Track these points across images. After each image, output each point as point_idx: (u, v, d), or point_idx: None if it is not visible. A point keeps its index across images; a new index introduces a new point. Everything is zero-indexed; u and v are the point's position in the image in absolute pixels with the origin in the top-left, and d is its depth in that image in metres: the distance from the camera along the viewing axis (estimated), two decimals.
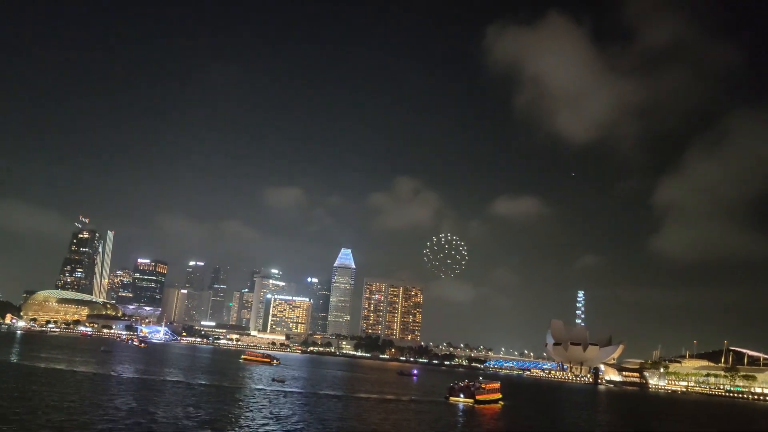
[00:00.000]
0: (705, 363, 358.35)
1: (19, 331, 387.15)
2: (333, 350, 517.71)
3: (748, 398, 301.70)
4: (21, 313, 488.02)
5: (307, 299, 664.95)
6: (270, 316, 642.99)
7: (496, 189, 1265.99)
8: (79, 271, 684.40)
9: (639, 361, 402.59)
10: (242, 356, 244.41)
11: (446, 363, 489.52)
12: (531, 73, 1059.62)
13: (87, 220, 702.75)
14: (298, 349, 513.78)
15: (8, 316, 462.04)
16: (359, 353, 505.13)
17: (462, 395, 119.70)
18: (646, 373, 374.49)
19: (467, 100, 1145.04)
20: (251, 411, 76.15)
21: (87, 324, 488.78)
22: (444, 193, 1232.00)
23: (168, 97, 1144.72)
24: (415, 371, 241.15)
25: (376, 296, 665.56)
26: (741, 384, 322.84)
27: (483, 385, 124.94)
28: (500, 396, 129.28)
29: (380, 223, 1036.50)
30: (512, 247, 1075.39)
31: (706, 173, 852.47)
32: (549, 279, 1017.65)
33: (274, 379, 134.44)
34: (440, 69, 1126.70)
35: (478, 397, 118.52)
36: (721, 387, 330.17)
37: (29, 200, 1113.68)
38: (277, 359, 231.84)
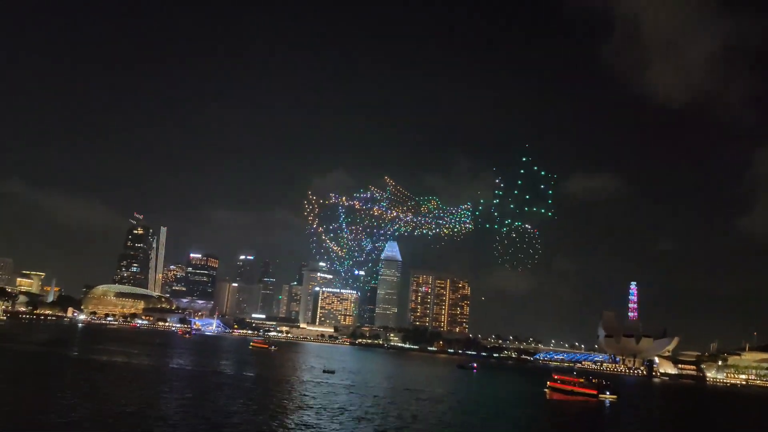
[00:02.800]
0: (766, 355, 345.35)
1: (80, 324, 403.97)
2: (381, 342, 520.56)
3: None
4: (81, 307, 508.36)
5: (355, 292, 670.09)
6: (318, 309, 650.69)
7: (570, 165, 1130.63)
8: (135, 266, 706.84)
9: (696, 353, 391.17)
10: (251, 343, 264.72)
11: (495, 355, 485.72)
12: (623, 13, 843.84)
13: (141, 217, 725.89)
14: (347, 341, 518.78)
15: (70, 309, 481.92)
16: (407, 345, 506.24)
17: (608, 392, 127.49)
18: (704, 366, 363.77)
19: (539, 56, 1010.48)
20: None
21: (143, 317, 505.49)
22: (506, 174, 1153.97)
23: (209, 87, 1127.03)
24: (475, 365, 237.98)
25: (423, 288, 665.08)
26: None
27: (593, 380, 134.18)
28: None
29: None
30: (580, 231, 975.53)
31: None
32: (616, 267, 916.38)
33: (324, 371, 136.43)
34: (505, 13, 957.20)
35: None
36: None
37: (86, 196, 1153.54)
38: (276, 346, 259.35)
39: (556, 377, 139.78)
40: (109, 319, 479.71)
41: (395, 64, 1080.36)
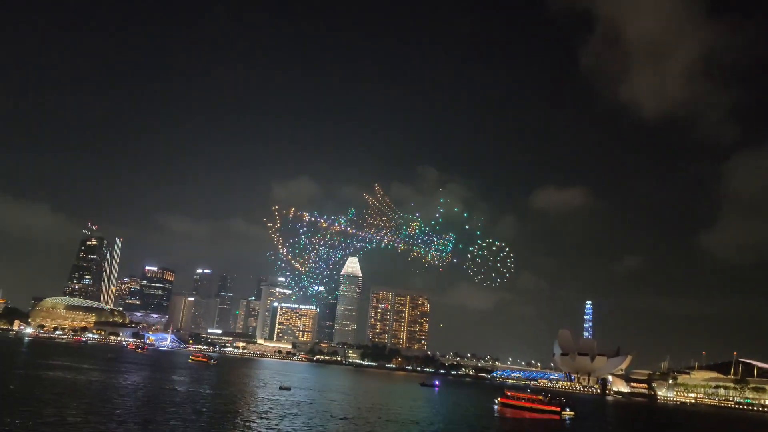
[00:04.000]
0: (714, 375, 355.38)
1: (26, 338, 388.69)
2: (339, 359, 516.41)
3: (758, 410, 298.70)
4: (29, 320, 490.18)
5: (314, 308, 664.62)
6: (276, 325, 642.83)
7: (540, 178, 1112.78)
8: (87, 278, 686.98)
9: (647, 372, 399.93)
10: (190, 357, 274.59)
11: (453, 373, 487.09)
12: (605, 16, 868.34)
13: (95, 228, 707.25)
14: (304, 357, 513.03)
15: (16, 322, 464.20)
16: (365, 362, 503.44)
17: (568, 409, 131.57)
18: (655, 385, 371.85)
19: (516, 59, 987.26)
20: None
21: (94, 331, 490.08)
22: (475, 184, 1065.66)
23: (167, 95, 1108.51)
24: (437, 382, 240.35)
25: (383, 305, 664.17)
26: (751, 396, 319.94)
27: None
28: None
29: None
30: (546, 247, 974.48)
31: None
32: (577, 285, 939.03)
33: (281, 387, 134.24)
34: (482, 13, 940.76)
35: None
36: (731, 399, 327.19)
37: (36, 203, 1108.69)
38: (214, 359, 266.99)
39: (509, 393, 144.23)
40: (58, 332, 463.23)
41: (362, 69, 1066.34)
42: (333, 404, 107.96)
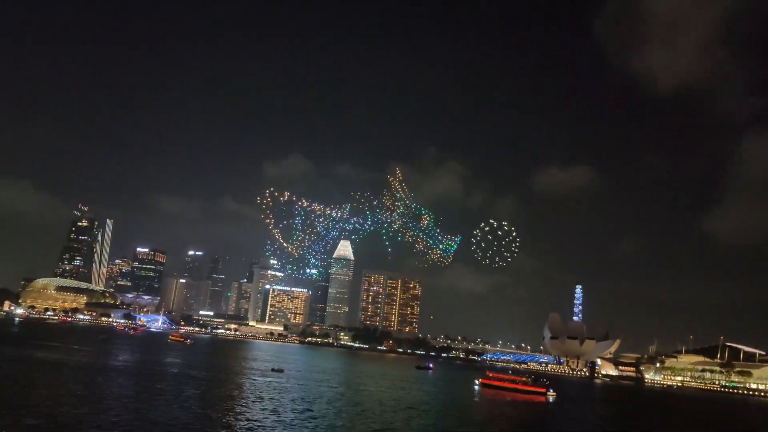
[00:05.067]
0: (700, 358, 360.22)
1: (17, 319, 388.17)
2: (331, 341, 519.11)
3: (743, 394, 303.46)
4: (20, 300, 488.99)
5: (306, 290, 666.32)
6: (268, 307, 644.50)
7: (543, 157, 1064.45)
8: (78, 259, 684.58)
9: (635, 355, 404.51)
10: (169, 337, 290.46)
11: (443, 355, 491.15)
12: None
13: (86, 209, 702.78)
14: (296, 340, 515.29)
15: (6, 303, 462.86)
16: (357, 344, 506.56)
17: (551, 390, 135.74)
18: (642, 368, 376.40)
19: (522, 28, 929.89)
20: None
21: (85, 312, 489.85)
22: (476, 163, 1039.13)
23: (156, 73, 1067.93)
24: (431, 365, 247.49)
25: (375, 288, 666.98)
26: (736, 380, 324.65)
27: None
28: None
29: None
30: (545, 228, 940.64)
31: None
32: (575, 267, 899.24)
33: (273, 369, 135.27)
34: None
35: None
36: (717, 382, 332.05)
37: (26, 183, 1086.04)
38: (192, 339, 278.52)
39: (490, 375, 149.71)
40: (48, 313, 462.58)
41: (357, 43, 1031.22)
42: (333, 389, 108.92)
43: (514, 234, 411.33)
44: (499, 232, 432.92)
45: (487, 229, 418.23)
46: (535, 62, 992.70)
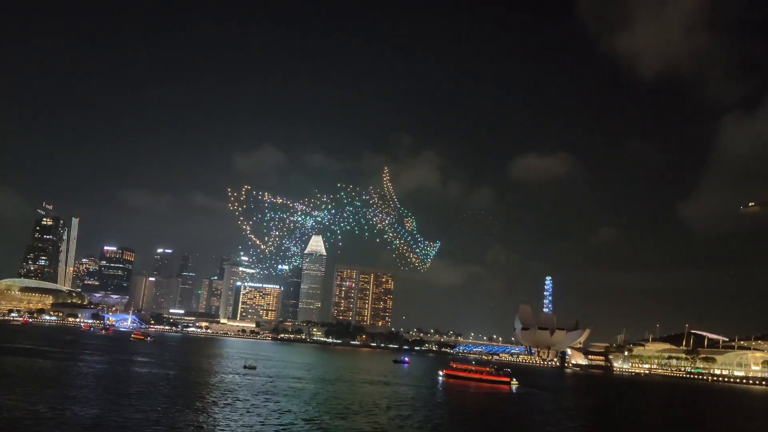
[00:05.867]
0: (667, 346, 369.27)
1: None
2: (304, 337, 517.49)
3: (707, 380, 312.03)
4: None
5: (278, 286, 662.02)
6: (240, 304, 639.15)
7: (522, 144, 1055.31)
8: (43, 259, 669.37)
9: (605, 344, 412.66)
10: (132, 335, 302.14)
11: (416, 348, 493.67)
12: None
13: (51, 207, 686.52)
14: (269, 336, 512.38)
15: None
16: (330, 339, 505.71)
17: (514, 379, 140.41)
18: (611, 357, 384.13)
19: (500, 5, 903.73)
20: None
21: (52, 313, 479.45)
22: (452, 152, 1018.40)
23: (118, 63, 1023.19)
24: (407, 358, 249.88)
25: (347, 283, 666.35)
26: (701, 366, 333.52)
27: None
28: None
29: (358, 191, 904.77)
30: (521, 218, 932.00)
31: None
32: (550, 258, 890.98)
33: (245, 366, 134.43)
34: None
35: None
36: (682, 369, 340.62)
37: None
38: (152, 337, 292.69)
39: (453, 365, 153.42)
40: (13, 315, 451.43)
41: (327, 28, 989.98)
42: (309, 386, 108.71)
43: (493, 223, 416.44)
44: (475, 224, 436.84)
45: (464, 219, 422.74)
46: (514, 46, 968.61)
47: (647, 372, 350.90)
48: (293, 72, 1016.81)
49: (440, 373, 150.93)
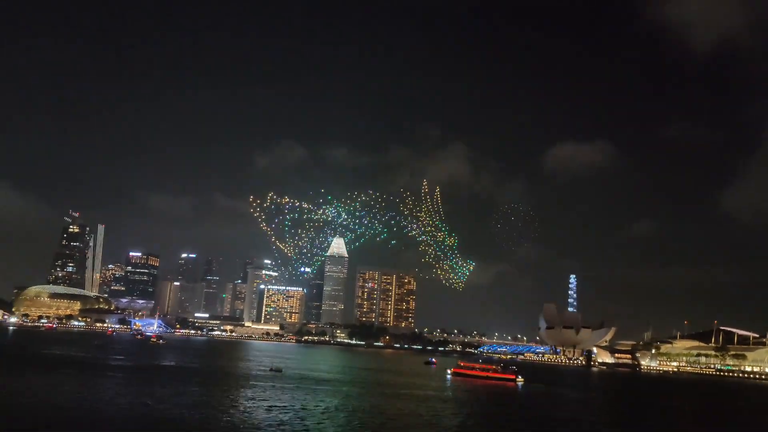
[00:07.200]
0: (696, 343, 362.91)
1: (11, 327, 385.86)
2: (327, 339, 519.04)
3: (738, 377, 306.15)
4: (13, 309, 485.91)
5: (301, 289, 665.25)
6: (264, 307, 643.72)
7: (557, 132, 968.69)
8: (71, 266, 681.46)
9: (631, 342, 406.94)
10: (150, 339, 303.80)
11: (440, 349, 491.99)
12: None
13: (77, 215, 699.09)
14: (293, 338, 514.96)
15: (1, 311, 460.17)
16: (354, 341, 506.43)
17: (520, 377, 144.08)
18: (638, 355, 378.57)
19: None
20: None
21: (80, 318, 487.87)
22: (483, 143, 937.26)
23: (137, 61, 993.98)
24: (434, 360, 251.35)
25: (369, 284, 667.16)
26: (731, 363, 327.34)
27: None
28: None
29: (383, 186, 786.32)
30: (554, 212, 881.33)
31: None
32: (582, 255, 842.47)
33: (271, 369, 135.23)
34: None
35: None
36: (712, 366, 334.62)
37: (15, 190, 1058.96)
38: (164, 340, 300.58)
39: (461, 364, 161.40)
40: (42, 321, 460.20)
41: (350, 15, 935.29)
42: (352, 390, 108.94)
43: (532, 217, 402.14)
44: (512, 218, 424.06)
45: (500, 214, 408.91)
46: (547, 21, 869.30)
47: (675, 370, 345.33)
48: (313, 64, 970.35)
49: (449, 371, 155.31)
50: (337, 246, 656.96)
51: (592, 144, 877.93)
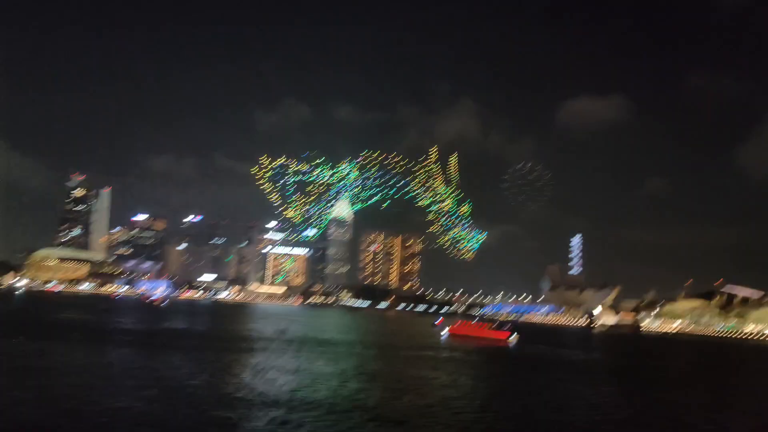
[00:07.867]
0: (698, 303, 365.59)
1: (22, 290, 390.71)
2: (332, 301, 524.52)
3: (738, 337, 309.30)
4: (22, 272, 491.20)
5: (306, 251, 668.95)
6: (269, 269, 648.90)
7: (572, 87, 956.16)
8: (77, 229, 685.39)
9: (635, 302, 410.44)
10: (154, 302, 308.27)
11: (444, 309, 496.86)
12: None
13: (82, 177, 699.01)
14: (298, 300, 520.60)
15: (11, 274, 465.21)
16: (358, 303, 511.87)
17: (515, 334, 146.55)
18: (640, 315, 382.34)
19: None
20: None
21: (89, 281, 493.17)
22: (494, 98, 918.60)
23: (135, 20, 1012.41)
24: (439, 321, 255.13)
25: (374, 246, 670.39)
26: (734, 322, 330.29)
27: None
28: None
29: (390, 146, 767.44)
30: (564, 170, 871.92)
31: None
32: (593, 214, 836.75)
33: (277, 331, 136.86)
34: None
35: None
36: (714, 326, 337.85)
37: (10, 148, 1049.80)
38: (167, 301, 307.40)
39: (458, 322, 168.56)
40: (49, 285, 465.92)
41: None
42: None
43: (545, 175, 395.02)
44: (523, 176, 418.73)
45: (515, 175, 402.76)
46: None
47: (676, 330, 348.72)
48: (316, 16, 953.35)
49: (444, 330, 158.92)
50: (342, 208, 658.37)
51: (606, 99, 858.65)
